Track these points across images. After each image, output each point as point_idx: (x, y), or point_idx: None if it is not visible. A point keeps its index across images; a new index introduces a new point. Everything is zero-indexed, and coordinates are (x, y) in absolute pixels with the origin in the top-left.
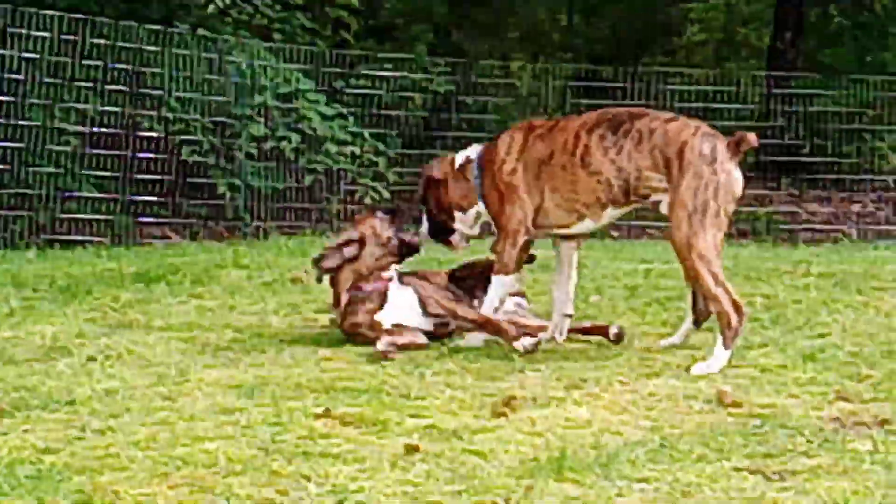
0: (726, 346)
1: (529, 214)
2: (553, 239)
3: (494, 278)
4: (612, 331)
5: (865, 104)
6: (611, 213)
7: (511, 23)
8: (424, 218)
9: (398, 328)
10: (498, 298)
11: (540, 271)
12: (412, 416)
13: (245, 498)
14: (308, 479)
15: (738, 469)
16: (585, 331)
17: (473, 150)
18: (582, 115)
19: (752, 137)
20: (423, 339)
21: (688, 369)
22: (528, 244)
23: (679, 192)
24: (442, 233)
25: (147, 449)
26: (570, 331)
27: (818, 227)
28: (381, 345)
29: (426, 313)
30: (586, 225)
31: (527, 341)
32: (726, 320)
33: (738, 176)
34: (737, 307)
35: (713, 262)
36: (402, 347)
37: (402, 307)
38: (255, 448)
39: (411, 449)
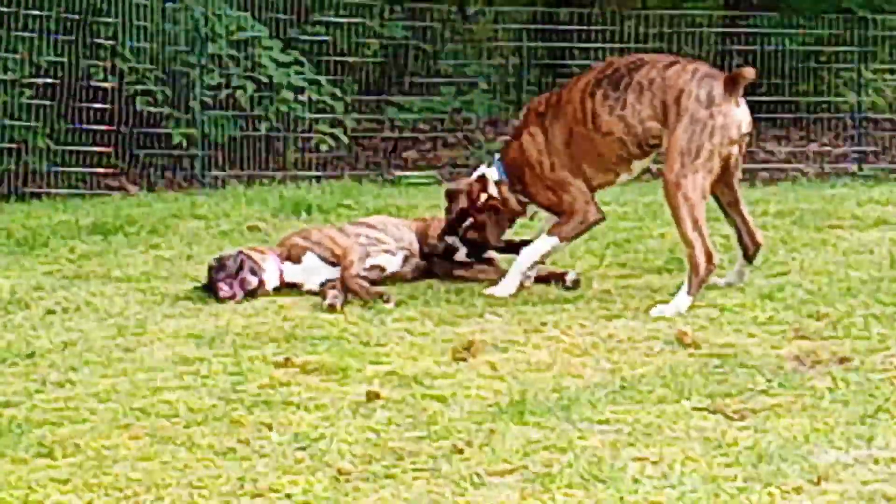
0: (690, 293)
1: (587, 191)
2: None
3: (547, 236)
4: (570, 277)
5: (822, 42)
6: (638, 165)
7: None
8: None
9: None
10: (539, 253)
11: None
12: (372, 362)
13: (206, 448)
14: (269, 427)
15: (698, 409)
16: (544, 278)
17: (493, 169)
18: (581, 78)
19: (748, 72)
20: (375, 289)
21: (647, 311)
22: (597, 221)
23: (675, 134)
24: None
25: (107, 400)
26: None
27: (776, 166)
28: (329, 298)
29: (332, 264)
30: (623, 178)
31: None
32: (696, 268)
33: (738, 116)
34: (709, 256)
35: (696, 206)
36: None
37: (297, 275)
38: (215, 398)
39: (372, 396)
